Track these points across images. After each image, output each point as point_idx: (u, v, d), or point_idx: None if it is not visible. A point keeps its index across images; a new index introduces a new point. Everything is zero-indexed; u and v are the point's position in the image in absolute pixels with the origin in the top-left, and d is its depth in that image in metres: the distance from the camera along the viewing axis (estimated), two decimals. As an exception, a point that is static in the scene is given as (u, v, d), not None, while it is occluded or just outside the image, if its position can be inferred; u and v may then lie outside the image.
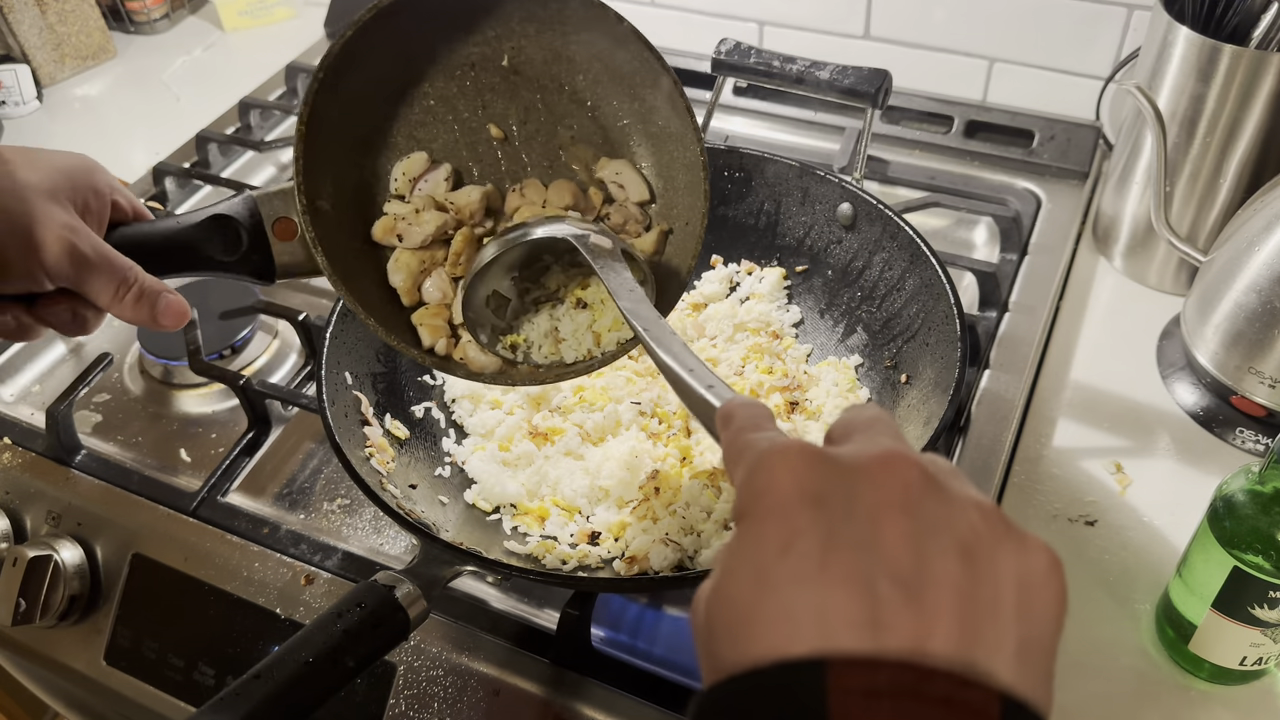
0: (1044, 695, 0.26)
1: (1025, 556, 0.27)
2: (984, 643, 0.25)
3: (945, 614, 0.25)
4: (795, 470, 0.28)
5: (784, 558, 0.26)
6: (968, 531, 0.26)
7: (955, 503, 0.27)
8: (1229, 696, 0.56)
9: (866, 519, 0.26)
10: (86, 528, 0.67)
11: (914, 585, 0.25)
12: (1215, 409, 0.70)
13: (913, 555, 0.26)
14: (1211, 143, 0.72)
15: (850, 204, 0.70)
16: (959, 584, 0.25)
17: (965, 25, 0.92)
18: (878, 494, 0.27)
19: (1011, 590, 0.26)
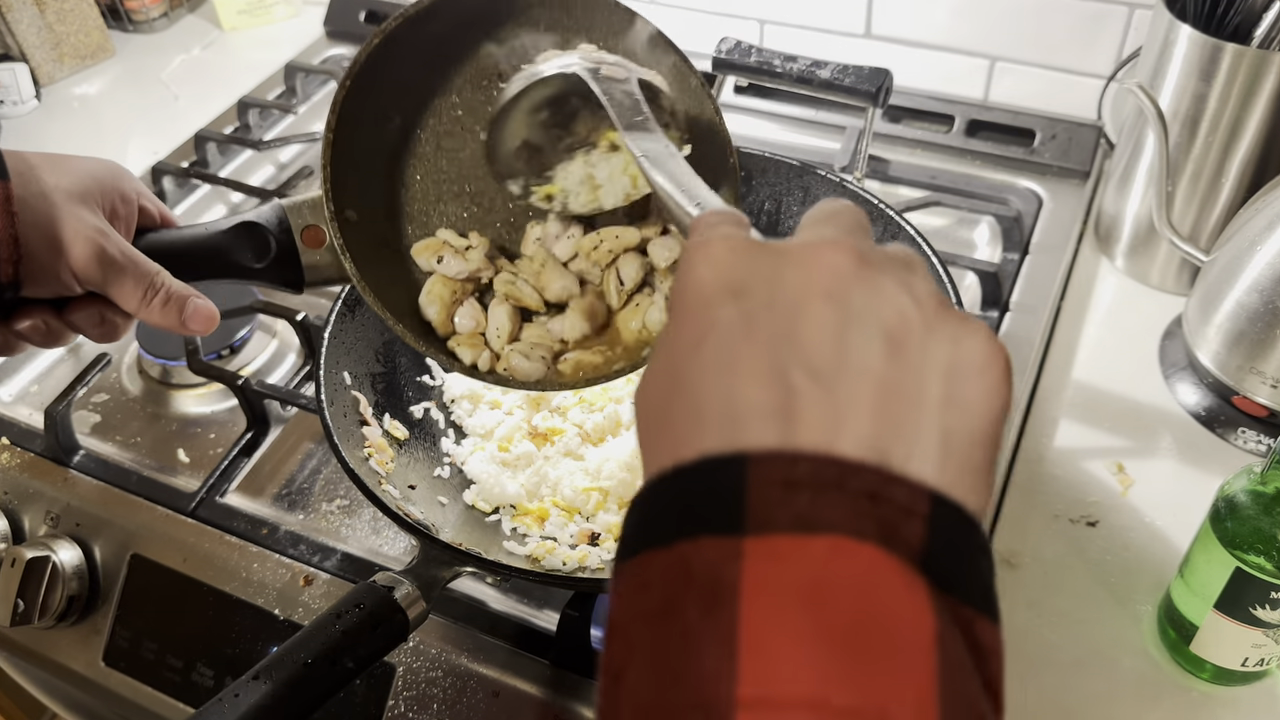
0: (974, 490, 0.24)
1: (960, 344, 0.25)
2: (902, 435, 0.24)
3: (860, 405, 0.24)
4: (716, 262, 0.27)
5: (697, 352, 0.25)
6: (896, 320, 0.25)
7: (887, 291, 0.25)
8: (1230, 697, 0.56)
9: (787, 308, 0.25)
10: (85, 528, 0.67)
11: (829, 375, 0.24)
12: (1217, 409, 0.69)
13: (832, 345, 0.24)
14: (1213, 142, 0.72)
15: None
16: (880, 374, 0.24)
17: (966, 24, 0.92)
18: (803, 282, 0.26)
19: (939, 380, 0.24)
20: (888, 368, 0.24)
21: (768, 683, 0.20)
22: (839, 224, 0.28)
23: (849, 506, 0.22)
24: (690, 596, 0.22)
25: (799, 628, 0.21)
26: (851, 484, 0.23)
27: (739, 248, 0.27)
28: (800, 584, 0.21)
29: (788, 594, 0.21)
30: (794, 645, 0.21)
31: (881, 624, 0.21)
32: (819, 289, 0.25)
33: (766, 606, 0.21)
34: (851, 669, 0.21)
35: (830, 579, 0.22)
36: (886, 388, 0.24)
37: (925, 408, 0.24)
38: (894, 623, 0.21)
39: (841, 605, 0.21)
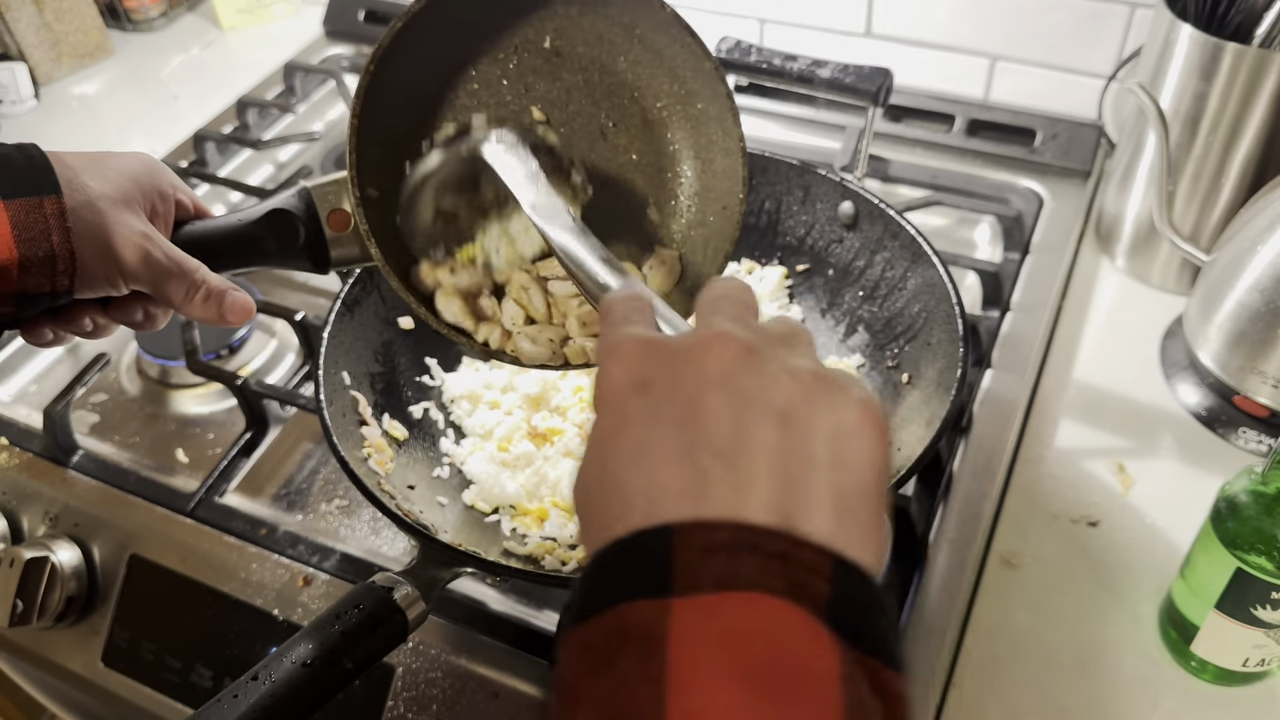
0: (866, 539, 0.28)
1: (838, 411, 0.29)
2: (800, 499, 0.27)
3: (761, 475, 0.27)
4: (625, 361, 0.30)
5: (616, 443, 0.29)
6: (782, 398, 0.29)
7: (771, 372, 0.29)
8: (1231, 698, 0.56)
9: (687, 399, 0.29)
10: (84, 528, 0.67)
11: (731, 454, 0.28)
12: (1218, 409, 0.69)
13: (730, 426, 0.28)
14: (1214, 142, 0.71)
15: (851, 203, 0.70)
16: (773, 447, 0.28)
17: (967, 23, 0.92)
18: (697, 374, 0.29)
19: (825, 445, 0.28)
20: (780, 440, 0.28)
21: (692, 717, 0.23)
22: (727, 310, 0.32)
23: (762, 566, 0.25)
24: (626, 650, 0.25)
25: (719, 669, 0.24)
26: (764, 546, 0.26)
27: (643, 346, 0.31)
28: (720, 633, 0.24)
29: (709, 642, 0.24)
30: (715, 684, 0.23)
31: (792, 665, 0.24)
32: (713, 380, 0.29)
33: (691, 653, 0.24)
34: (767, 704, 0.23)
35: (746, 628, 0.24)
36: (781, 458, 0.28)
37: (816, 470, 0.28)
38: (803, 665, 0.24)
39: (756, 650, 0.24)
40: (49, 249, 0.43)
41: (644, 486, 0.28)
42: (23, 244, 0.42)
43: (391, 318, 0.69)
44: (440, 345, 0.71)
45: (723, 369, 0.29)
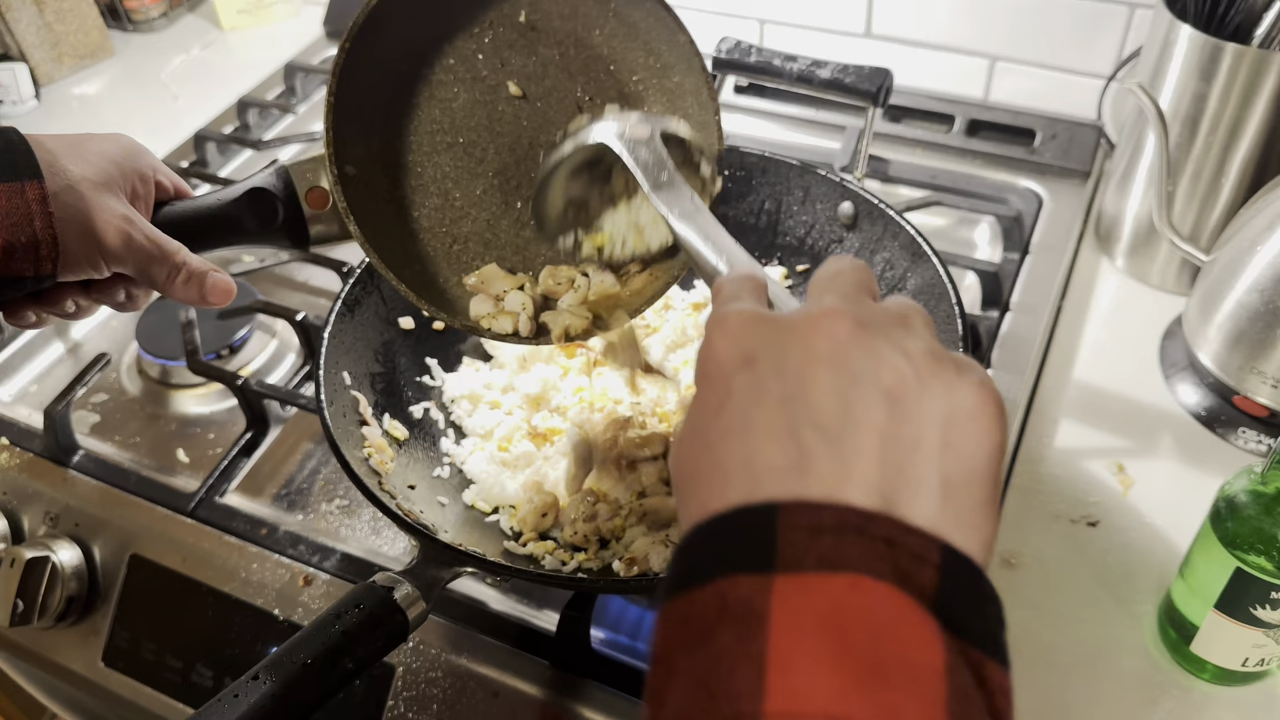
0: (976, 527, 0.27)
1: (953, 394, 0.28)
2: (906, 481, 0.26)
3: (865, 456, 0.27)
4: (731, 335, 0.30)
5: (718, 417, 0.29)
6: (893, 378, 0.28)
7: (882, 352, 0.28)
8: (1231, 698, 0.56)
9: (794, 375, 0.28)
10: (84, 528, 0.67)
11: (836, 431, 0.27)
12: (1218, 409, 0.69)
13: (836, 404, 0.27)
14: (1214, 142, 0.72)
15: (851, 203, 0.70)
16: (881, 428, 0.27)
17: (967, 24, 0.92)
18: (805, 350, 0.29)
19: (936, 429, 0.27)
20: (888, 422, 0.27)
21: (793, 697, 0.23)
22: (841, 288, 0.31)
23: (868, 549, 0.25)
24: (725, 624, 0.24)
25: (822, 650, 0.23)
26: (870, 530, 0.25)
27: (751, 321, 0.30)
28: (823, 613, 0.24)
29: (812, 622, 0.24)
30: (817, 665, 0.23)
31: (896, 651, 0.23)
32: (821, 356, 0.28)
33: (793, 632, 0.24)
34: (869, 687, 0.23)
35: (850, 609, 0.24)
36: (888, 439, 0.27)
37: (924, 454, 0.27)
38: (908, 651, 0.24)
39: (860, 632, 0.24)
40: (32, 234, 0.43)
41: (745, 461, 0.27)
42: (6, 230, 0.42)
43: (392, 318, 0.69)
44: (440, 345, 0.71)
45: (832, 346, 0.28)
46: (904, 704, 0.23)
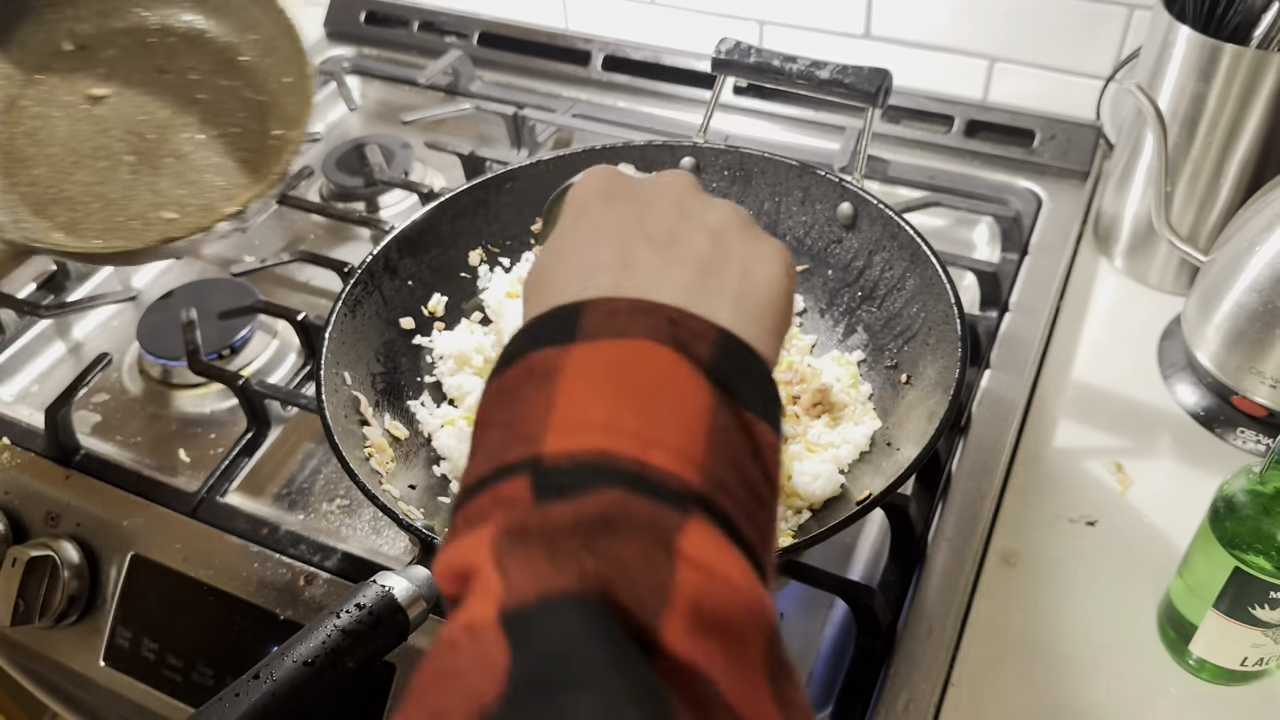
0: (759, 337, 0.33)
1: (759, 245, 0.36)
2: (708, 294, 0.33)
3: (682, 269, 0.33)
4: (597, 177, 0.37)
5: (569, 233, 0.36)
6: (718, 221, 0.36)
7: (718, 207, 0.37)
8: (1230, 697, 0.56)
9: (641, 204, 0.36)
10: (85, 528, 0.67)
11: (663, 245, 0.34)
12: (1216, 409, 0.69)
13: (668, 227, 0.35)
14: (1212, 142, 0.72)
15: (850, 203, 0.70)
16: (699, 251, 0.34)
17: (966, 25, 0.92)
18: (654, 190, 0.37)
19: (739, 260, 0.35)
20: (707, 248, 0.34)
21: (572, 414, 0.28)
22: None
23: (653, 325, 0.31)
24: (529, 383, 0.30)
25: (602, 386, 0.29)
26: (658, 313, 0.31)
27: (615, 172, 0.38)
28: (608, 364, 0.30)
29: (598, 369, 0.29)
30: (597, 395, 0.29)
31: (668, 390, 0.29)
32: (667, 196, 0.36)
33: (581, 376, 0.29)
34: (639, 410, 0.28)
35: (631, 361, 0.30)
36: (704, 263, 0.34)
37: (728, 278, 0.34)
38: (678, 392, 0.29)
39: (636, 376, 0.29)
40: None
41: (582, 265, 0.34)
42: None
43: (393, 318, 0.69)
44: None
45: (675, 193, 0.36)
46: (668, 421, 0.28)
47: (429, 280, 0.71)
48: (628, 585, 0.24)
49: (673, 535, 0.26)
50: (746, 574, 0.26)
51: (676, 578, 0.25)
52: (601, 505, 0.26)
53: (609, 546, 0.25)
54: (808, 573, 0.57)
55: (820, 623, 0.60)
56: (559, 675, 0.22)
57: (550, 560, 0.24)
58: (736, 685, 0.24)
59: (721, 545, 0.26)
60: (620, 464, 0.27)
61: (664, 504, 0.26)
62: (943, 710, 0.56)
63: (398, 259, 0.69)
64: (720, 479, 0.28)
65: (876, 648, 0.56)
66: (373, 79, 1.10)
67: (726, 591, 0.25)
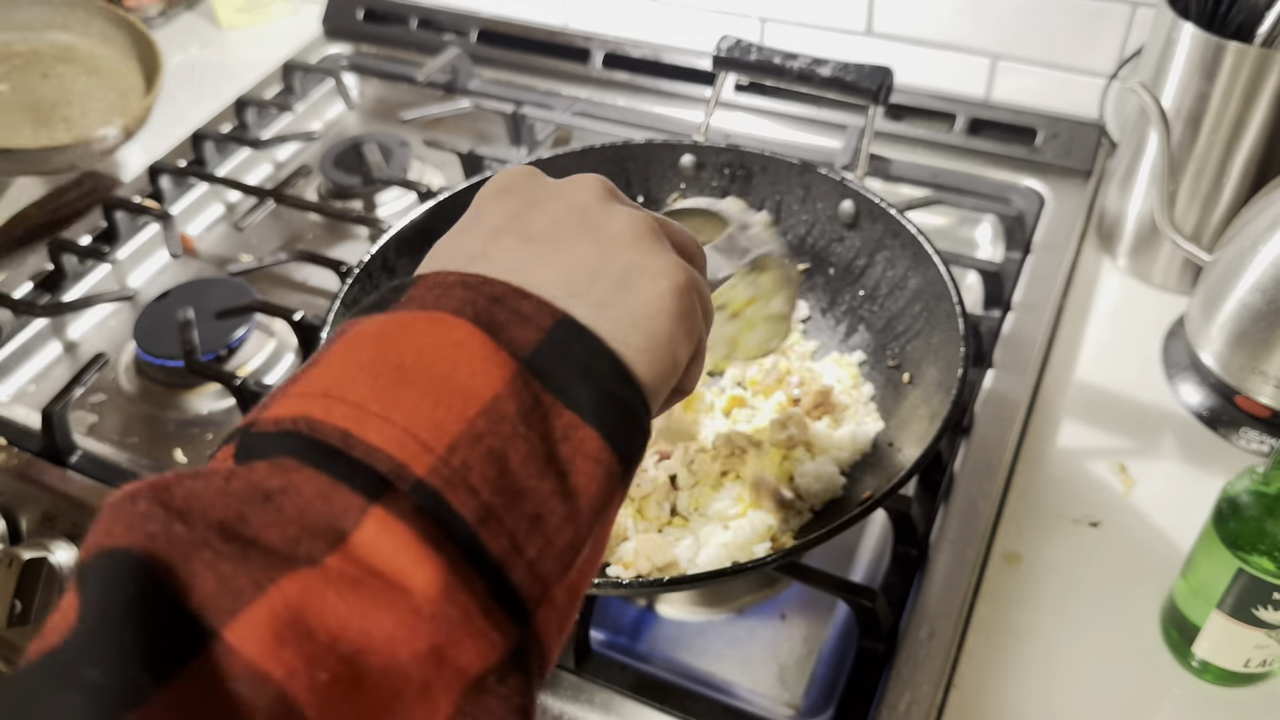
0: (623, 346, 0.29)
1: (650, 258, 0.31)
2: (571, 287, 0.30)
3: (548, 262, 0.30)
4: (504, 175, 0.35)
5: (460, 223, 0.34)
6: (616, 230, 0.32)
7: (616, 210, 0.33)
8: (1233, 699, 0.55)
9: (533, 201, 0.33)
10: (82, 529, 0.67)
11: (533, 240, 0.31)
12: (1220, 409, 0.69)
13: (548, 226, 0.32)
14: (1216, 141, 0.71)
15: (852, 202, 0.70)
16: (578, 253, 0.31)
17: (968, 22, 0.92)
18: (554, 191, 0.34)
19: (620, 269, 0.31)
20: (586, 254, 0.31)
21: (312, 380, 0.27)
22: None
23: (465, 299, 0.28)
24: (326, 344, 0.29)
25: (361, 355, 0.27)
26: (482, 289, 0.29)
27: (525, 170, 0.35)
28: (384, 331, 0.27)
29: (369, 337, 0.27)
30: (348, 362, 0.27)
31: (439, 367, 0.26)
32: (563, 197, 0.33)
33: (350, 342, 0.28)
34: (385, 382, 0.26)
35: (411, 331, 0.27)
36: (575, 263, 0.31)
37: (599, 282, 0.30)
38: (450, 370, 0.26)
39: (407, 347, 0.27)
40: None
41: (450, 251, 0.32)
42: None
43: (391, 317, 0.68)
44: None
45: (578, 194, 0.33)
46: (417, 398, 0.25)
47: (428, 279, 0.71)
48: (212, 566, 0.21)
49: (345, 521, 0.23)
50: (437, 590, 0.22)
51: (296, 571, 0.22)
52: (262, 474, 0.24)
53: (252, 520, 0.22)
54: (809, 574, 0.57)
55: (822, 624, 0.60)
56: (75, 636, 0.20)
57: (145, 518, 0.22)
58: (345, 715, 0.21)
59: (412, 547, 0.23)
60: (319, 433, 0.24)
61: (344, 483, 0.23)
62: (944, 712, 0.55)
63: (396, 258, 0.69)
64: (467, 472, 0.24)
65: (878, 649, 0.56)
66: (371, 77, 1.10)
67: (374, 603, 0.22)
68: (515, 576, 0.25)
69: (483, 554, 0.24)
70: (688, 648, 0.59)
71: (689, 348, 0.32)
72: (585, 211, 0.33)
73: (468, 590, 0.23)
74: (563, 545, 0.26)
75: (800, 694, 0.57)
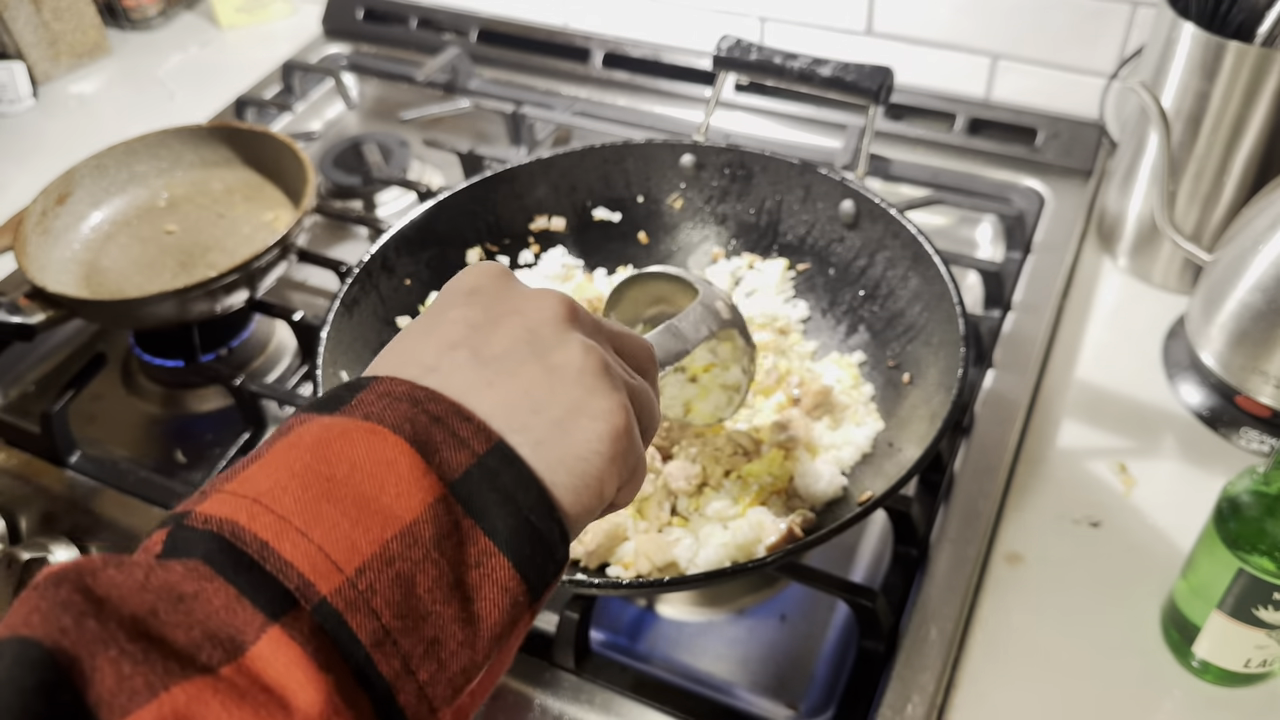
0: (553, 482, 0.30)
1: (594, 398, 0.32)
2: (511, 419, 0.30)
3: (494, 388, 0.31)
4: (473, 272, 0.35)
5: (423, 319, 0.34)
6: (563, 359, 0.32)
7: (569, 339, 0.33)
8: (1233, 699, 0.55)
9: (494, 314, 0.33)
10: (82, 529, 0.67)
11: (484, 362, 0.32)
12: (1220, 409, 0.69)
13: (504, 347, 0.32)
14: (1216, 141, 0.71)
15: (852, 202, 0.70)
16: (524, 381, 0.31)
17: (968, 22, 0.92)
18: (517, 303, 0.34)
19: (564, 405, 0.31)
20: (534, 381, 0.31)
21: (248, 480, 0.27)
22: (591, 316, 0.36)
23: (406, 414, 0.29)
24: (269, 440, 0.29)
25: (296, 461, 0.27)
26: (427, 407, 0.29)
27: (498, 271, 0.35)
28: (322, 439, 0.28)
29: (308, 443, 0.28)
30: (279, 471, 0.27)
31: (365, 484, 0.27)
32: (524, 312, 0.33)
33: (290, 446, 0.28)
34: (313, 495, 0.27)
35: (350, 446, 0.28)
36: (520, 392, 0.31)
37: (540, 417, 0.31)
38: (380, 492, 0.27)
39: (340, 460, 0.27)
40: None
41: (407, 355, 0.32)
42: None
43: (390, 317, 0.68)
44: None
45: (537, 315, 0.33)
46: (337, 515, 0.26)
47: (427, 279, 0.71)
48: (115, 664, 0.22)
49: (244, 634, 0.24)
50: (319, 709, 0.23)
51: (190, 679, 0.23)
52: (179, 575, 0.25)
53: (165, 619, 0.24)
54: (810, 575, 0.57)
55: (822, 625, 0.60)
56: None
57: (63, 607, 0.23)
58: None
59: (301, 666, 0.24)
60: (241, 541, 0.25)
61: (249, 597, 0.24)
62: (945, 712, 0.55)
63: (395, 258, 0.69)
64: (372, 594, 0.25)
65: (879, 650, 0.56)
66: (370, 76, 1.09)
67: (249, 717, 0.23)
68: (402, 699, 0.26)
69: (374, 675, 0.25)
70: (687, 648, 0.59)
71: (618, 482, 0.32)
72: (539, 337, 0.33)
73: (351, 710, 0.24)
74: (456, 670, 0.27)
75: (800, 694, 0.57)
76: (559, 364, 0.32)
